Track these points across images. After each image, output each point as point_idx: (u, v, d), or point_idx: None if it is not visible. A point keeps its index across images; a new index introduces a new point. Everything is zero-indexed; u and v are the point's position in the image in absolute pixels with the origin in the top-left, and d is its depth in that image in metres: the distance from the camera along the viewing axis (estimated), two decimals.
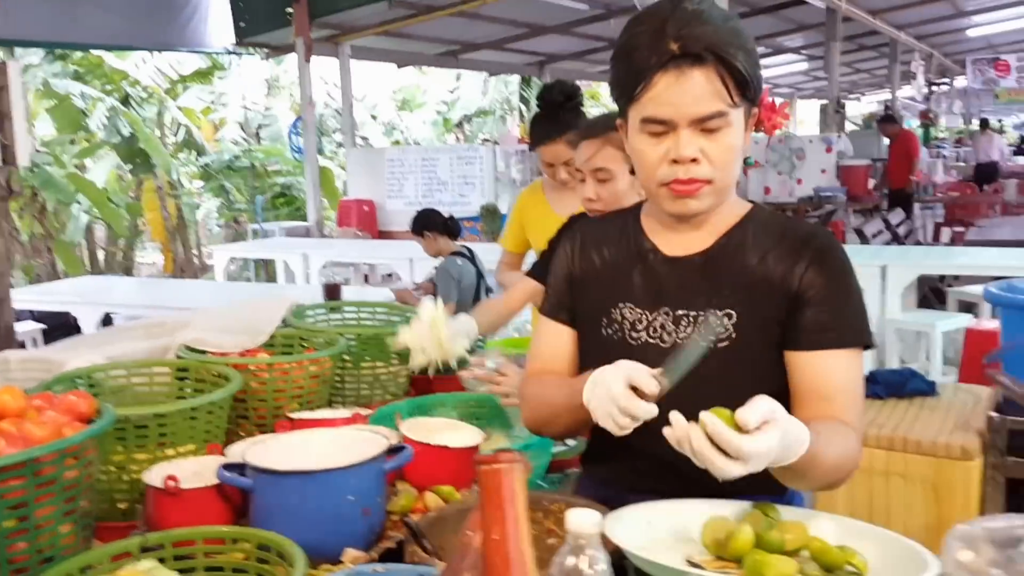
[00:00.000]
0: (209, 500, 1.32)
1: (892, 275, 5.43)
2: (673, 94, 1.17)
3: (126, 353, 1.78)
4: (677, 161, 1.20)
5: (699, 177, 1.21)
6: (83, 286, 6.54)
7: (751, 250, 1.28)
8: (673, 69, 1.16)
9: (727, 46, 1.16)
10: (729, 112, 1.18)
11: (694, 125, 1.18)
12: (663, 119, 1.19)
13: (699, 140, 1.19)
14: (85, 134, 11.80)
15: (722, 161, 1.21)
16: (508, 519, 0.78)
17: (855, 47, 15.25)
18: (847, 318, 1.25)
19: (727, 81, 1.16)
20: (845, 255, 1.29)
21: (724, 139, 1.19)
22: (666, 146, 1.20)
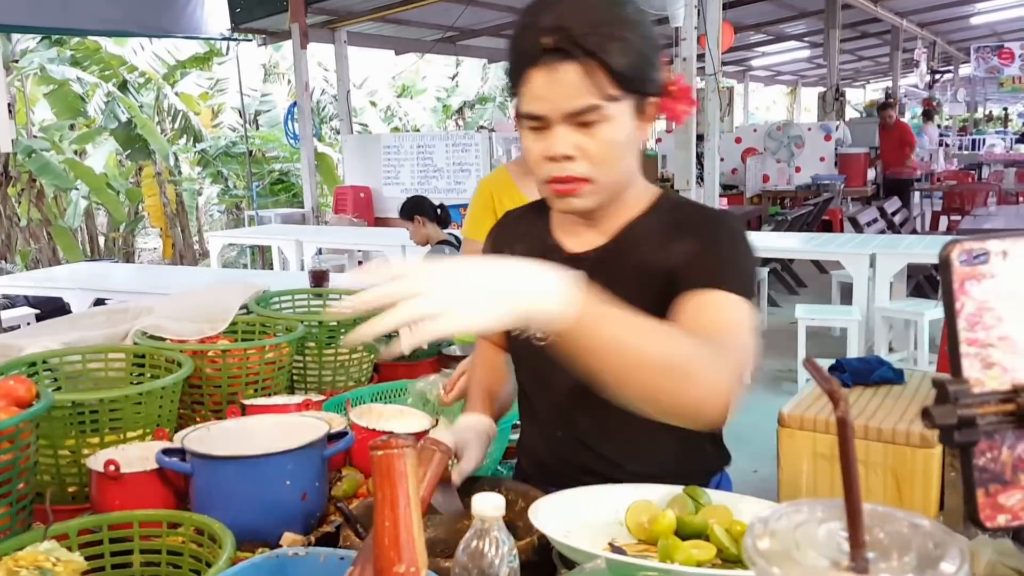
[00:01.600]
0: (150, 484, 1.34)
1: (881, 263, 5.43)
2: (545, 89, 1.14)
3: (85, 339, 1.80)
4: (552, 158, 1.17)
5: (576, 175, 1.18)
6: (77, 272, 6.56)
7: (644, 244, 1.26)
8: (544, 64, 1.13)
9: (600, 39, 1.11)
10: (605, 105, 1.14)
11: (568, 120, 1.15)
12: (537, 114, 1.16)
13: (574, 136, 1.16)
14: (84, 120, 11.82)
15: (601, 157, 1.17)
16: (399, 504, 0.79)
17: (857, 34, 15.18)
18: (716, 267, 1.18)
19: (600, 75, 1.12)
20: (733, 228, 1.24)
21: (601, 134, 1.15)
22: (546, 143, 1.17)
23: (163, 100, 12.49)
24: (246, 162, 12.04)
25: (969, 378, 0.52)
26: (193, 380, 1.70)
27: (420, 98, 17.94)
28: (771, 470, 2.75)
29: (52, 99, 11.05)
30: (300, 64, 9.05)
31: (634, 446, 1.32)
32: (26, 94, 11.39)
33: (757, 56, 17.73)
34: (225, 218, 14.75)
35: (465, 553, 0.92)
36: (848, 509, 0.46)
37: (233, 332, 2.02)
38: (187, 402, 1.74)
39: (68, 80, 10.84)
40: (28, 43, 11.30)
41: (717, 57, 6.72)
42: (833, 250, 5.90)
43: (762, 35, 14.60)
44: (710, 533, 1.10)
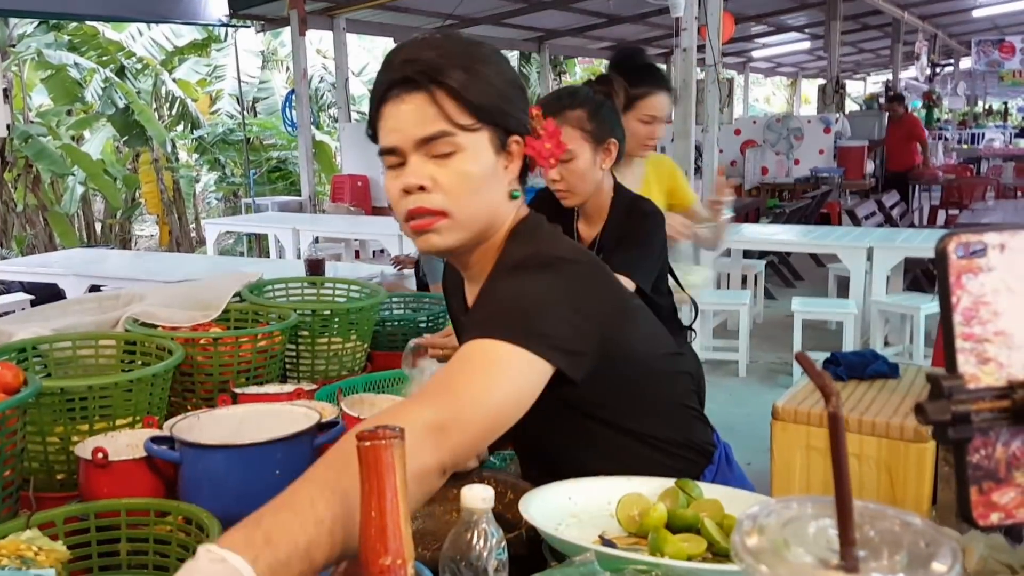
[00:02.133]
0: (139, 473, 1.33)
1: (878, 257, 5.43)
2: (395, 120, 1.13)
3: (75, 325, 1.79)
4: (407, 191, 1.14)
5: (429, 207, 1.14)
6: (73, 258, 6.54)
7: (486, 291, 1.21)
8: (394, 97, 1.13)
9: (447, 68, 1.11)
10: (456, 133, 1.12)
11: (420, 150, 1.13)
12: (391, 147, 1.15)
13: (428, 167, 1.13)
14: (81, 105, 11.78)
15: (456, 190, 1.13)
16: (386, 495, 0.78)
17: (858, 26, 15.14)
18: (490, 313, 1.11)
19: (447, 102, 1.11)
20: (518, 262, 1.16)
21: (456, 165, 1.13)
22: (402, 178, 1.15)
23: (161, 86, 12.43)
24: (244, 149, 12.01)
25: (964, 373, 0.51)
26: (184, 368, 1.69)
27: None
28: (764, 463, 2.75)
29: (49, 84, 11.00)
30: (298, 51, 9.02)
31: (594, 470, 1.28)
32: (23, 79, 11.34)
33: (757, 47, 17.68)
34: (222, 206, 14.71)
35: (453, 545, 0.91)
36: (838, 506, 0.45)
37: (225, 320, 2.00)
38: (178, 390, 1.72)
39: (65, 65, 10.79)
40: (26, 28, 11.23)
41: (717, 48, 6.69)
42: (830, 243, 5.89)
43: (763, 26, 14.55)
44: (701, 526, 1.09)
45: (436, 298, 2.67)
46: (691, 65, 6.28)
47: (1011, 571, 1.00)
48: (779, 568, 0.43)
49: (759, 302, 7.09)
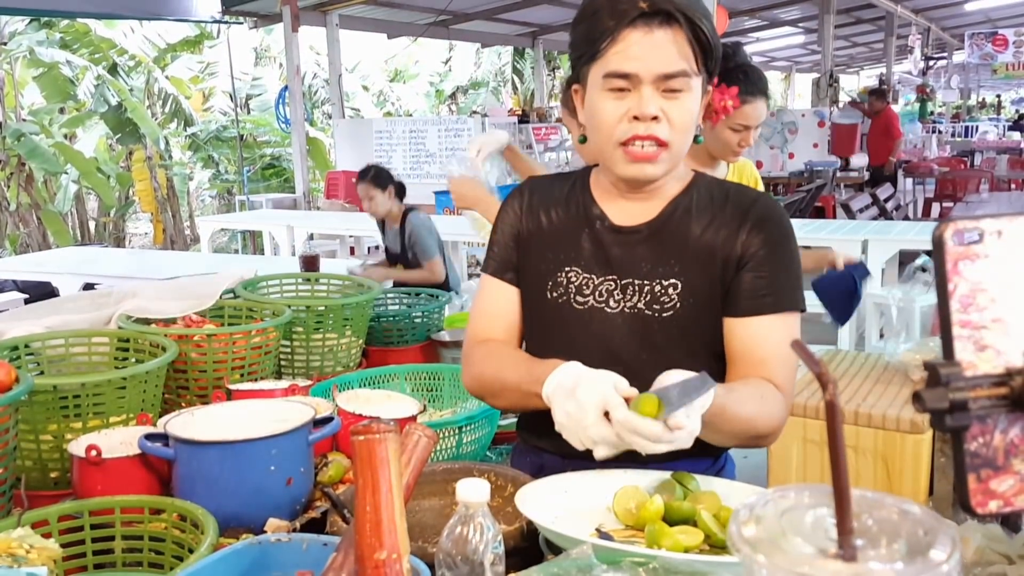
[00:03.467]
0: (133, 470, 1.32)
1: (873, 249, 5.43)
2: (640, 49, 1.17)
3: (68, 323, 1.78)
4: (638, 118, 1.19)
5: (659, 136, 1.20)
6: (67, 256, 6.52)
7: (695, 219, 1.29)
8: (642, 25, 1.17)
9: (695, 10, 1.18)
10: (692, 75, 1.19)
11: (657, 83, 1.18)
12: (628, 72, 1.18)
13: (660, 100, 1.19)
14: (73, 103, 11.73)
15: (682, 124, 1.21)
16: (380, 489, 0.78)
17: (852, 20, 15.13)
18: (784, 284, 1.26)
19: (693, 44, 1.18)
20: (787, 222, 1.30)
21: (685, 103, 1.20)
22: (627, 104, 1.19)
23: (153, 84, 12.39)
24: (237, 146, 11.96)
25: (961, 361, 0.50)
26: (178, 364, 1.68)
27: (413, 83, 17.84)
28: (761, 456, 2.75)
29: (41, 82, 10.95)
30: (291, 47, 8.98)
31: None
32: (15, 77, 11.29)
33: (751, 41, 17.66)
34: (216, 203, 14.67)
35: (449, 539, 0.90)
36: (836, 495, 0.44)
37: (219, 316, 2.00)
38: (172, 387, 1.72)
39: (57, 63, 10.74)
40: (17, 25, 11.18)
41: None
42: (825, 236, 5.89)
43: (756, 20, 14.54)
44: (697, 519, 1.09)
45: (430, 294, 2.67)
46: None
47: (1008, 561, 1.00)
48: (776, 558, 0.43)
49: None
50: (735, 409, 1.14)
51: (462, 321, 2.55)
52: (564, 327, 1.33)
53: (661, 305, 1.27)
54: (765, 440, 1.25)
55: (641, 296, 1.28)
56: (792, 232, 1.30)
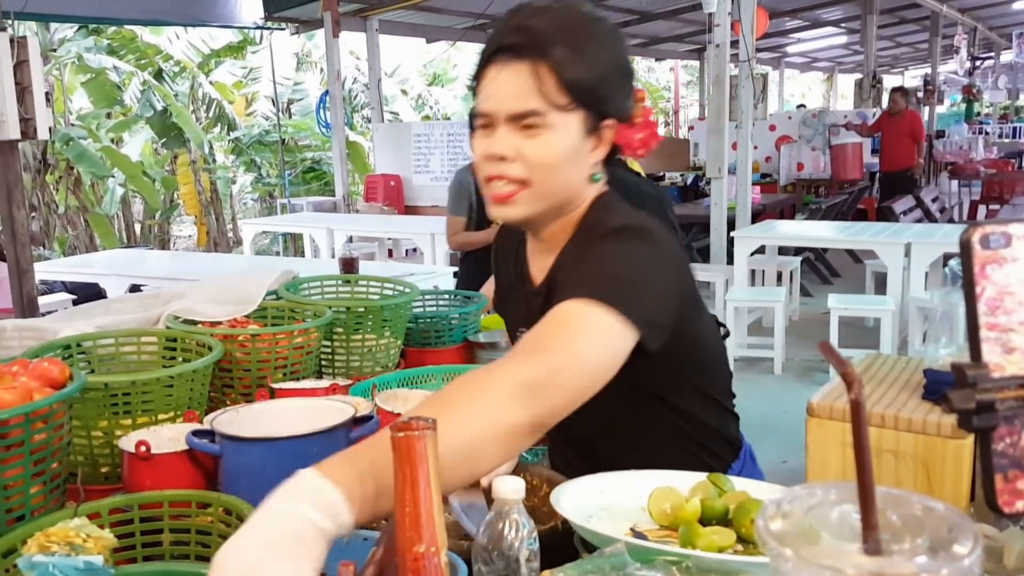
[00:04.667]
0: (180, 465, 1.36)
1: (916, 253, 5.36)
2: (493, 87, 1.14)
3: (118, 323, 1.83)
4: (489, 157, 1.15)
5: (510, 175, 1.15)
6: (113, 258, 6.68)
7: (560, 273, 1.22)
8: (498, 62, 1.14)
9: (557, 44, 1.10)
10: (548, 112, 1.12)
11: (511, 122, 1.13)
12: (484, 112, 1.16)
13: (515, 138, 1.14)
14: (120, 108, 12.00)
15: (540, 163, 1.14)
16: (419, 484, 0.80)
17: (896, 20, 14.92)
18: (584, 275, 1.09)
19: (548, 80, 1.10)
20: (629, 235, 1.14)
21: (543, 140, 1.13)
22: (488, 142, 1.16)
23: (198, 89, 12.63)
24: (279, 150, 12.15)
25: (989, 363, 0.51)
26: (223, 364, 1.73)
27: (451, 86, 17.95)
28: (800, 460, 2.73)
29: (89, 88, 11.23)
30: (332, 53, 9.10)
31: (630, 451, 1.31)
32: (64, 83, 11.58)
33: (792, 42, 17.49)
34: (258, 206, 14.90)
35: (485, 535, 0.93)
36: (861, 491, 0.45)
37: (263, 317, 2.04)
38: (217, 385, 1.76)
39: (105, 69, 11.01)
40: (66, 32, 11.48)
41: (751, 43, 6.64)
42: (867, 239, 5.83)
43: (798, 21, 14.39)
44: (732, 519, 1.10)
45: (469, 295, 2.69)
46: (724, 61, 6.24)
47: None
48: (803, 551, 0.44)
49: (795, 299, 7.03)
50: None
51: (499, 323, 2.57)
52: None
53: None
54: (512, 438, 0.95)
55: None
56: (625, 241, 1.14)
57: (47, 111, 3.58)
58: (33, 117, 3.47)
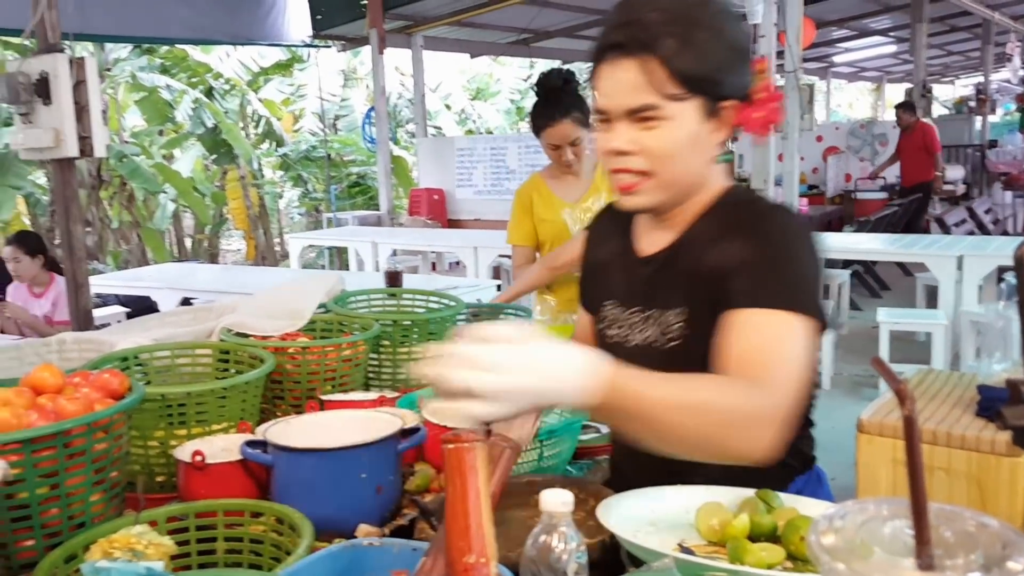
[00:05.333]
0: (234, 475, 1.40)
1: (969, 266, 5.24)
2: (608, 85, 1.17)
3: (173, 336, 1.88)
4: (610, 152, 1.20)
5: (631, 168, 1.19)
6: (164, 272, 6.83)
7: (703, 243, 1.24)
8: (610, 59, 1.16)
9: (664, 36, 1.11)
10: (664, 105, 1.14)
11: (627, 117, 1.17)
12: (601, 109, 1.19)
13: (633, 132, 1.17)
14: (172, 125, 12.29)
15: (661, 153, 1.17)
16: (469, 495, 0.81)
17: (946, 28, 14.65)
18: (768, 281, 1.14)
19: (659, 73, 1.12)
20: (786, 223, 1.20)
21: (662, 132, 1.15)
22: (608, 137, 1.20)
23: (247, 106, 12.89)
24: (325, 166, 12.33)
25: None
26: (274, 376, 1.76)
27: (493, 100, 18.06)
28: (850, 478, 2.69)
29: (142, 106, 11.52)
30: (378, 69, 9.22)
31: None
32: (118, 101, 11.90)
33: (839, 52, 17.26)
34: (304, 220, 15.13)
35: (534, 547, 0.93)
36: (913, 507, 0.46)
37: (312, 330, 2.08)
38: (268, 397, 1.80)
39: (157, 87, 11.29)
40: (120, 52, 11.80)
41: (797, 54, 6.58)
42: (918, 252, 5.72)
43: (845, 31, 14.21)
44: (781, 536, 1.09)
45: (512, 309, 2.71)
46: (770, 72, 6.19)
47: None
48: (855, 565, 0.44)
49: (844, 313, 6.91)
50: (656, 390, 0.96)
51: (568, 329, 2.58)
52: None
53: (668, 336, 1.26)
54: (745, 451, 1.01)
55: (656, 328, 1.28)
56: (791, 233, 1.18)
57: (104, 129, 3.68)
58: (90, 135, 3.57)
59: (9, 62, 3.91)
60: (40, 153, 3.57)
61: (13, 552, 1.20)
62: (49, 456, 1.18)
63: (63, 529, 1.22)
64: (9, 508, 1.18)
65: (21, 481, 1.16)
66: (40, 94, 3.47)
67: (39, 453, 1.17)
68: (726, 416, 0.99)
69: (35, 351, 1.88)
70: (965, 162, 11.97)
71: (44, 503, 1.19)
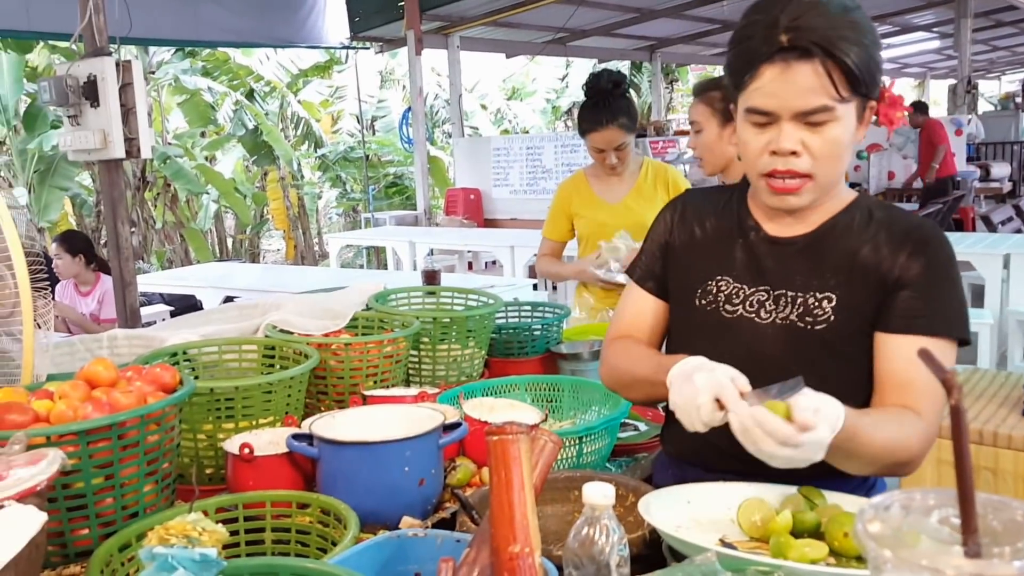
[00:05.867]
0: (281, 467, 1.43)
1: (1016, 264, 5.14)
2: (778, 86, 1.17)
3: (221, 332, 1.92)
4: (776, 152, 1.20)
5: (798, 170, 1.21)
6: (207, 271, 6.94)
7: (854, 236, 1.28)
8: (780, 61, 1.16)
9: (839, 40, 1.14)
10: (835, 107, 1.17)
11: (797, 118, 1.18)
12: (766, 110, 1.19)
13: (801, 133, 1.19)
14: (214, 127, 12.49)
15: (825, 155, 1.20)
16: (514, 486, 0.83)
17: (991, 23, 14.34)
18: (941, 307, 1.23)
19: (835, 76, 1.15)
20: (948, 247, 1.27)
21: (828, 133, 1.18)
22: (768, 137, 1.21)
23: (287, 108, 13.05)
24: (363, 166, 12.44)
25: None
26: (318, 371, 1.79)
27: (529, 100, 18.07)
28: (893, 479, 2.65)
29: (185, 108, 11.72)
30: (415, 70, 9.28)
31: None
32: (161, 103, 12.13)
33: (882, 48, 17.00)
34: (343, 220, 15.28)
35: (576, 540, 0.94)
36: (960, 495, 0.46)
37: (353, 327, 2.11)
38: (312, 391, 1.83)
39: (199, 90, 11.48)
40: (164, 55, 12.02)
41: None
42: (964, 250, 5.60)
43: (887, 26, 13.99)
44: (824, 532, 1.09)
45: (550, 306, 2.72)
46: None
47: None
48: (901, 552, 0.45)
49: None
50: (869, 433, 1.12)
51: (579, 335, 2.59)
52: (711, 335, 1.34)
53: (814, 318, 1.27)
54: (903, 468, 1.21)
55: (794, 308, 1.28)
56: (954, 260, 1.27)
57: (150, 131, 3.76)
58: (136, 137, 3.65)
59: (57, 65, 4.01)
60: (88, 155, 3.65)
61: (69, 540, 1.24)
62: (104, 447, 1.22)
63: (117, 519, 1.26)
64: (65, 498, 1.22)
65: (77, 471, 1.20)
66: (88, 97, 3.55)
67: (94, 444, 1.21)
68: (908, 450, 1.18)
69: (87, 347, 1.93)
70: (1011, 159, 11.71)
71: (99, 493, 1.23)
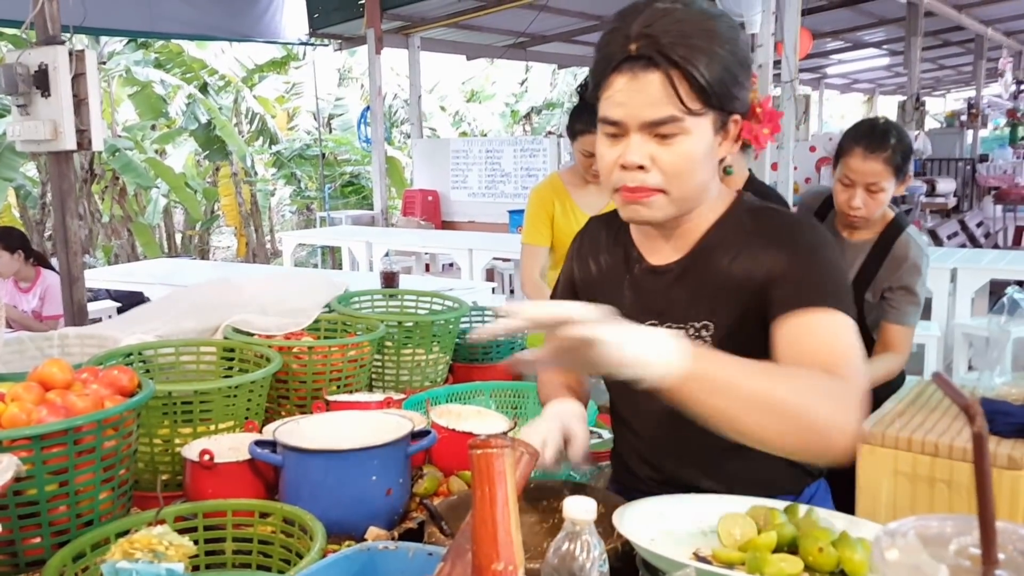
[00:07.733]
0: (242, 474, 1.38)
1: (962, 278, 5.27)
2: (625, 96, 1.13)
3: (176, 332, 1.86)
4: (625, 167, 1.16)
5: (648, 185, 1.16)
6: (156, 267, 6.80)
7: (722, 254, 1.23)
8: (627, 70, 1.12)
9: (687, 50, 1.09)
10: (684, 119, 1.12)
11: (645, 130, 1.14)
12: (614, 119, 1.15)
13: (650, 146, 1.14)
14: (165, 120, 12.24)
15: (676, 170, 1.15)
16: (497, 502, 0.80)
17: (939, 42, 14.74)
18: (813, 284, 1.16)
19: (680, 87, 1.10)
20: (815, 234, 1.21)
21: (679, 147, 1.14)
22: (619, 150, 1.16)
23: (241, 103, 12.84)
24: (319, 164, 12.29)
25: None
26: (280, 375, 1.75)
27: (489, 103, 18.06)
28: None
29: (136, 100, 11.46)
30: (374, 69, 9.20)
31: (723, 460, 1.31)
32: (112, 94, 11.84)
33: (833, 64, 17.35)
34: (296, 218, 15.08)
35: (556, 555, 0.92)
36: (982, 526, 0.45)
37: (315, 329, 2.06)
38: (273, 396, 1.78)
39: (151, 82, 11.24)
40: (115, 46, 11.74)
41: (794, 64, 6.60)
42: None
43: (840, 42, 14.29)
44: (799, 547, 1.09)
45: None
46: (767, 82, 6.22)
47: None
48: None
49: None
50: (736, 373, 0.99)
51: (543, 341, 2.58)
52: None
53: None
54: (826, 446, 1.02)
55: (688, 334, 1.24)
56: (824, 244, 1.21)
57: (102, 123, 3.65)
58: (88, 129, 3.54)
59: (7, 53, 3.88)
60: (37, 145, 3.53)
61: (20, 549, 1.18)
62: (59, 453, 1.16)
63: (71, 527, 1.21)
64: (17, 505, 1.16)
65: (30, 478, 1.15)
66: (39, 86, 3.43)
67: (49, 450, 1.15)
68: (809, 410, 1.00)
69: (36, 345, 1.86)
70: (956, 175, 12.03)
71: (52, 500, 1.18)
